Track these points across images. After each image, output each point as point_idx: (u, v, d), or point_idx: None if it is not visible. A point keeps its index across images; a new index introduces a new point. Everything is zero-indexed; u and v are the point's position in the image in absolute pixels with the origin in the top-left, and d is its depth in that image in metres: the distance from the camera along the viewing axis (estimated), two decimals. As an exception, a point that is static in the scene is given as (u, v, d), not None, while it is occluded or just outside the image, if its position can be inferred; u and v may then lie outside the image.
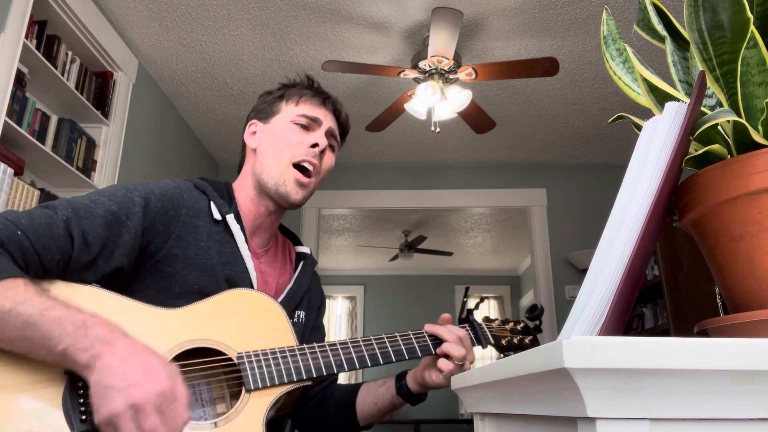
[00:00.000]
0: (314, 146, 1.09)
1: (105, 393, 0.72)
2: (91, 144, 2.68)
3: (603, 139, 3.98)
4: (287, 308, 1.07)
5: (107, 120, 2.75)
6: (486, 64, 2.76)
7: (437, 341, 1.03)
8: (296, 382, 0.92)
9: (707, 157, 0.58)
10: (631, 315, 3.82)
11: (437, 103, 2.86)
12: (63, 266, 0.84)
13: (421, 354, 1.02)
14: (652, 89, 0.62)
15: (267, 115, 1.14)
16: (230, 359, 0.90)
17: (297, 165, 1.08)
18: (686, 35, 0.61)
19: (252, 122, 1.16)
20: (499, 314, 7.25)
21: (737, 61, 0.54)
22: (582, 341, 0.38)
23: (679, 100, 0.56)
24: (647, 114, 0.61)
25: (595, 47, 2.95)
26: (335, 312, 7.32)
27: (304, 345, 0.97)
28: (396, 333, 1.03)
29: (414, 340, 1.03)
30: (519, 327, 1.16)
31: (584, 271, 3.59)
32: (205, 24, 2.80)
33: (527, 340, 1.14)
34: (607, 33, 0.69)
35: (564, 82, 3.29)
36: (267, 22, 2.79)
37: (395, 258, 6.46)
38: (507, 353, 1.11)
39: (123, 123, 2.85)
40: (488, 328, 1.12)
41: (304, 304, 1.14)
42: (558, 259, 4.13)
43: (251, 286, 1.02)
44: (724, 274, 0.56)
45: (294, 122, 1.11)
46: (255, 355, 0.91)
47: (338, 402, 1.13)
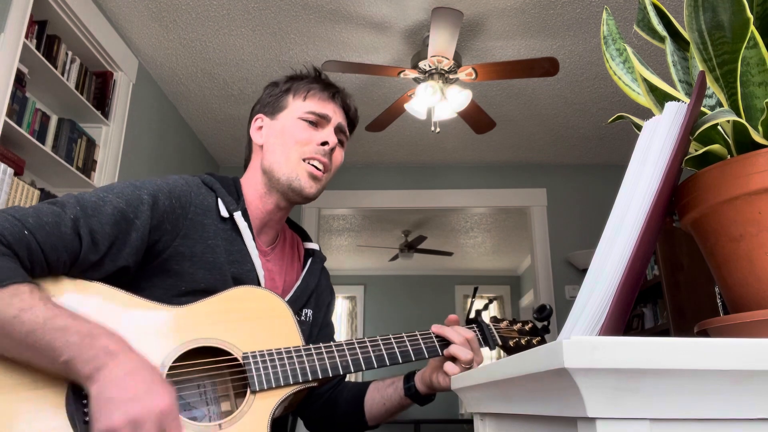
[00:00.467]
0: (324, 144, 1.07)
1: (106, 405, 0.71)
2: (91, 144, 2.68)
3: (603, 139, 3.98)
4: (294, 307, 1.06)
5: (107, 120, 2.75)
6: (486, 64, 2.76)
7: (444, 342, 1.02)
8: (302, 384, 0.91)
9: (707, 157, 0.58)
10: (631, 315, 3.82)
11: (437, 103, 2.86)
12: (69, 265, 0.83)
13: (428, 355, 1.01)
14: (652, 89, 0.62)
15: (274, 110, 1.11)
16: (236, 359, 0.89)
17: (307, 161, 1.06)
18: (686, 35, 0.61)
19: (258, 116, 1.13)
20: (499, 314, 7.25)
21: (737, 61, 0.54)
22: (582, 341, 0.38)
23: (679, 100, 0.56)
24: (647, 114, 0.61)
25: (595, 47, 2.95)
26: (335, 312, 7.29)
27: (311, 345, 0.95)
28: (403, 333, 1.02)
29: (421, 341, 1.02)
30: (527, 327, 1.15)
31: (584, 271, 3.58)
32: (205, 24, 2.80)
33: (535, 341, 1.12)
34: (607, 33, 0.69)
35: (564, 82, 3.29)
36: (267, 22, 2.79)
37: (395, 258, 6.46)
38: (515, 355, 1.10)
39: (123, 123, 2.85)
40: (496, 329, 1.10)
41: (312, 303, 1.13)
42: (558, 259, 4.13)
43: (258, 285, 1.01)
44: (724, 274, 0.56)
45: (302, 118, 1.08)
46: (261, 356, 0.90)
47: (347, 401, 1.12)
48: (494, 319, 1.14)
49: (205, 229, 0.97)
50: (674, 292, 3.17)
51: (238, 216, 1.02)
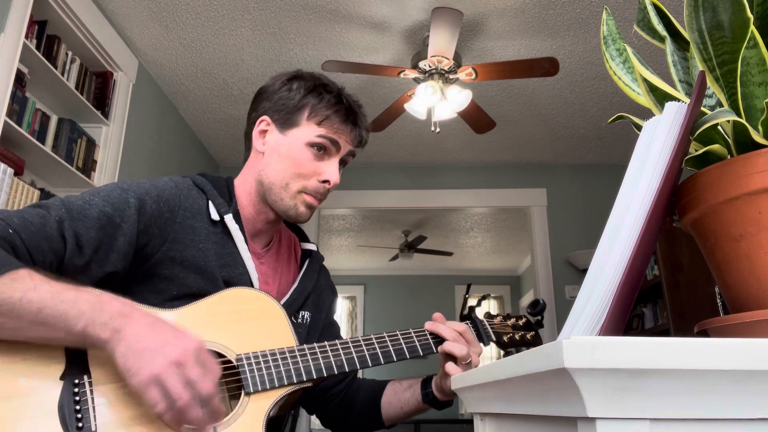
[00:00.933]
0: (325, 182, 1.04)
1: (141, 356, 0.74)
2: (91, 144, 2.68)
3: (603, 139, 3.98)
4: (291, 309, 1.06)
5: (107, 120, 2.75)
6: (486, 64, 2.76)
7: (438, 339, 1.02)
8: (296, 384, 0.91)
9: (707, 157, 0.58)
10: (631, 315, 3.82)
11: (437, 103, 2.86)
12: (56, 268, 0.82)
13: (423, 352, 1.01)
14: (652, 89, 0.62)
15: (284, 123, 1.04)
16: (229, 361, 0.89)
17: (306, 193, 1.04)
18: (686, 35, 0.61)
19: (264, 119, 1.06)
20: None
21: (737, 61, 0.54)
22: (582, 341, 0.38)
23: (679, 100, 0.56)
24: (647, 114, 0.61)
25: (595, 47, 2.95)
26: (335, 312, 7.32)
27: (304, 345, 0.95)
28: (397, 331, 1.02)
29: (415, 338, 1.02)
30: (521, 323, 1.15)
31: (584, 271, 3.59)
32: (205, 24, 2.80)
33: (529, 336, 1.13)
34: (607, 33, 0.69)
35: (564, 82, 3.29)
36: (267, 22, 2.79)
37: (395, 258, 6.46)
38: (509, 350, 1.10)
39: (123, 123, 2.85)
40: (490, 325, 1.11)
41: (310, 304, 1.12)
42: (558, 259, 4.13)
43: (251, 287, 1.01)
44: (724, 274, 0.56)
45: (311, 144, 1.02)
46: (254, 357, 0.90)
47: (363, 402, 1.13)
48: (488, 315, 1.14)
49: (196, 233, 0.96)
50: (674, 292, 3.17)
51: (229, 219, 1.00)
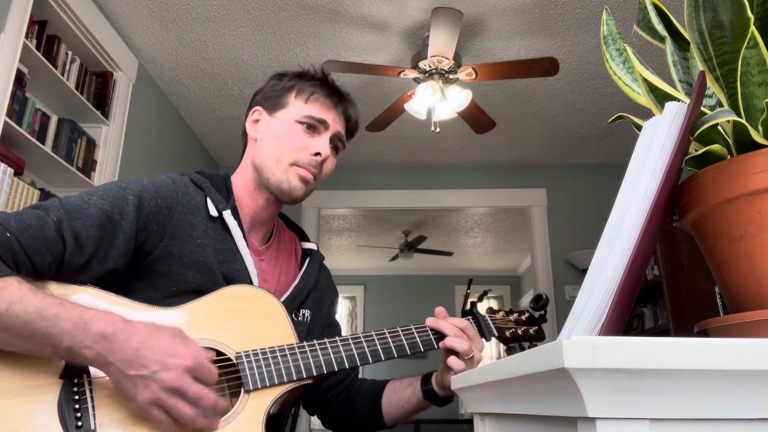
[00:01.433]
0: (317, 154, 1.05)
1: (135, 384, 0.74)
2: (91, 144, 2.68)
3: (603, 139, 3.98)
4: (291, 306, 1.06)
5: (107, 120, 2.75)
6: (486, 64, 2.76)
7: (440, 336, 1.02)
8: (296, 381, 0.91)
9: (707, 157, 0.58)
10: (631, 315, 3.82)
11: (437, 103, 2.86)
12: (55, 269, 0.82)
13: (424, 348, 1.01)
14: (652, 89, 0.62)
15: (273, 107, 1.09)
16: (229, 359, 0.89)
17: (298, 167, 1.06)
18: (686, 35, 0.61)
19: (256, 109, 1.11)
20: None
21: (737, 61, 0.54)
22: (582, 341, 0.38)
23: (679, 100, 0.56)
24: (647, 114, 0.61)
25: (595, 47, 2.95)
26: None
27: (304, 343, 0.95)
28: (398, 327, 1.02)
29: (416, 335, 1.02)
30: (523, 317, 1.14)
31: (584, 271, 3.58)
32: (205, 24, 2.80)
33: (532, 331, 1.12)
34: (607, 33, 0.69)
35: (564, 82, 3.29)
36: (267, 22, 2.79)
37: (395, 258, 6.46)
38: (512, 344, 1.10)
39: (123, 123, 2.85)
40: (492, 320, 1.10)
41: (311, 303, 1.12)
42: (558, 259, 4.13)
43: (250, 284, 1.01)
44: (724, 274, 0.56)
45: (299, 121, 1.06)
46: (254, 355, 0.90)
47: (364, 402, 1.12)
48: (490, 311, 1.14)
49: (194, 229, 0.97)
50: (674, 292, 3.17)
51: (228, 215, 1.01)
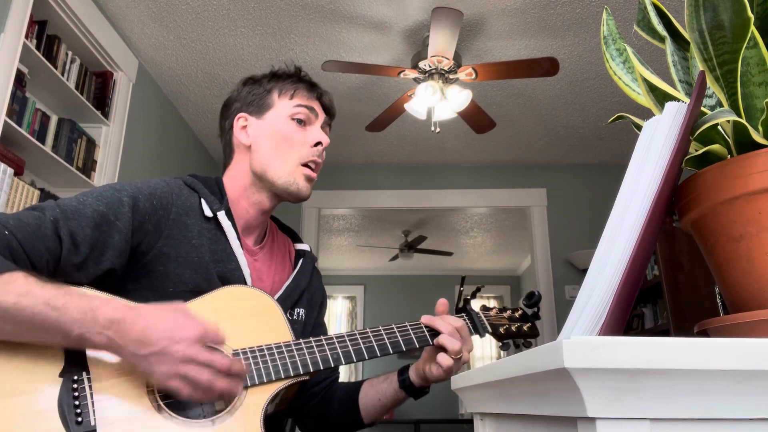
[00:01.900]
0: (317, 144, 1.09)
1: (149, 362, 0.76)
2: (91, 144, 2.68)
3: (603, 139, 3.98)
4: (285, 305, 1.07)
5: (107, 120, 2.75)
6: (486, 64, 2.76)
7: (435, 332, 1.03)
8: (293, 378, 0.92)
9: (707, 157, 0.58)
10: (631, 315, 3.82)
11: (437, 103, 2.86)
12: (53, 268, 0.84)
13: (419, 345, 1.02)
14: (652, 89, 0.62)
15: (259, 110, 1.11)
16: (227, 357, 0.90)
17: (304, 164, 1.09)
18: (686, 35, 0.61)
19: (240, 116, 1.12)
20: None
21: (737, 61, 0.54)
22: (582, 341, 0.38)
23: (679, 100, 0.56)
24: (647, 114, 0.61)
25: (595, 47, 2.95)
26: (335, 312, 7.32)
27: (300, 340, 0.96)
28: (393, 325, 1.03)
29: (411, 332, 1.02)
30: (517, 314, 1.15)
31: (584, 271, 3.58)
32: (205, 24, 2.80)
33: (525, 328, 1.13)
34: (607, 33, 0.69)
35: (564, 82, 3.29)
36: (267, 22, 2.79)
37: (395, 258, 6.46)
38: (506, 341, 1.11)
39: (123, 123, 2.85)
40: (486, 317, 1.11)
41: (304, 302, 1.13)
42: (558, 259, 4.13)
43: (245, 284, 1.02)
44: (724, 274, 0.56)
45: (292, 117, 1.09)
46: (251, 352, 0.91)
47: (341, 400, 1.12)
48: (484, 308, 1.14)
49: (189, 229, 0.98)
50: (674, 292, 3.17)
51: (222, 215, 1.03)
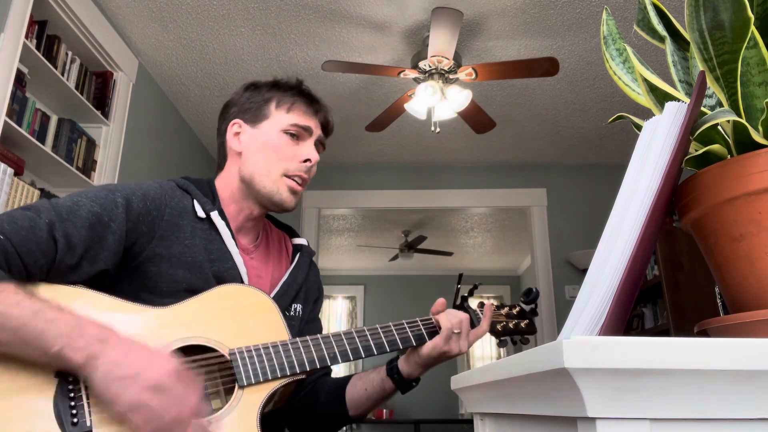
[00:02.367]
0: (306, 161, 1.08)
1: (119, 385, 0.75)
2: (91, 144, 2.68)
3: (603, 139, 3.98)
4: (283, 301, 1.07)
5: (107, 120, 2.75)
6: (486, 64, 2.76)
7: (431, 330, 1.04)
8: (290, 376, 0.92)
9: (707, 157, 0.58)
10: (631, 315, 3.82)
11: (437, 103, 2.86)
12: (47, 269, 0.84)
13: (416, 343, 1.02)
14: (652, 89, 0.62)
15: (255, 119, 1.10)
16: (223, 356, 0.90)
17: (290, 176, 1.08)
18: (686, 35, 0.61)
19: (235, 122, 1.12)
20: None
21: (737, 61, 0.54)
22: (582, 341, 0.38)
23: (679, 100, 0.56)
24: (647, 114, 0.61)
25: (595, 47, 2.95)
26: (335, 312, 7.32)
27: (297, 339, 0.96)
28: (390, 323, 1.03)
29: (408, 330, 1.03)
30: (514, 311, 1.16)
31: (584, 271, 3.58)
32: (205, 24, 2.80)
33: (523, 324, 1.13)
34: (607, 33, 0.69)
35: (564, 82, 3.29)
36: (267, 22, 2.79)
37: (395, 258, 6.46)
38: (503, 338, 1.11)
39: (123, 123, 2.85)
40: (483, 314, 1.11)
41: (301, 297, 1.14)
42: (558, 259, 4.13)
43: (241, 282, 1.02)
44: (724, 274, 0.56)
45: (285, 131, 1.08)
46: (247, 351, 0.91)
47: (328, 392, 1.12)
48: (481, 305, 1.15)
49: (181, 230, 0.98)
50: (674, 292, 3.17)
51: (215, 215, 1.03)
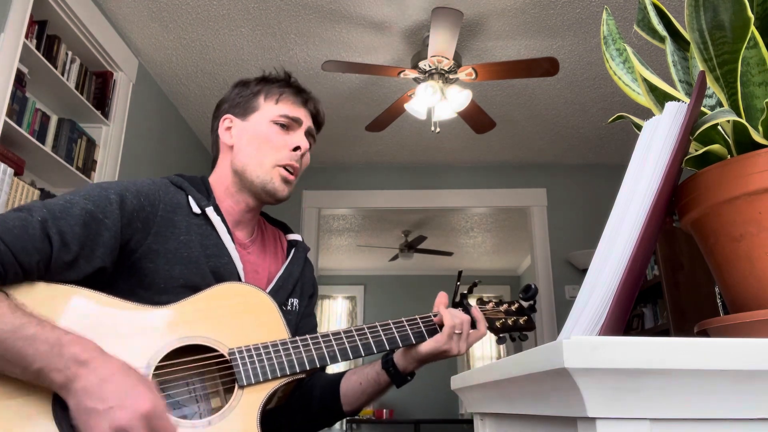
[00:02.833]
0: (296, 149, 1.09)
1: (88, 417, 0.71)
2: (91, 144, 2.68)
3: (603, 139, 3.98)
4: (280, 296, 1.07)
5: (107, 120, 2.75)
6: (486, 64, 2.76)
7: (431, 329, 1.03)
8: (290, 376, 0.91)
9: (707, 157, 0.58)
10: (631, 315, 3.82)
11: (437, 103, 2.86)
12: (44, 268, 0.83)
13: (415, 341, 1.02)
14: (652, 89, 0.62)
15: (244, 112, 1.12)
16: (222, 355, 0.89)
17: (281, 166, 1.09)
18: (686, 35, 0.61)
19: (226, 117, 1.13)
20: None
21: (737, 61, 0.54)
22: (582, 341, 0.38)
23: (679, 100, 0.56)
24: (647, 114, 0.61)
25: (595, 47, 2.95)
26: (335, 312, 7.32)
27: (297, 338, 0.96)
28: (389, 321, 1.03)
29: (408, 328, 1.03)
30: (513, 308, 1.15)
31: (584, 271, 3.58)
32: (205, 24, 2.80)
33: (522, 321, 1.13)
34: (607, 33, 0.69)
35: (564, 82, 3.29)
36: (267, 22, 2.79)
37: (395, 258, 6.46)
38: (502, 335, 1.11)
39: (123, 123, 2.85)
40: (482, 311, 1.11)
41: (297, 292, 1.14)
42: (558, 259, 4.13)
43: (238, 277, 1.02)
44: (724, 274, 0.56)
45: (274, 122, 1.09)
46: (247, 350, 0.90)
47: (323, 387, 1.12)
48: (480, 302, 1.15)
49: (176, 226, 0.98)
50: (674, 292, 3.17)
51: (211, 211, 1.03)
